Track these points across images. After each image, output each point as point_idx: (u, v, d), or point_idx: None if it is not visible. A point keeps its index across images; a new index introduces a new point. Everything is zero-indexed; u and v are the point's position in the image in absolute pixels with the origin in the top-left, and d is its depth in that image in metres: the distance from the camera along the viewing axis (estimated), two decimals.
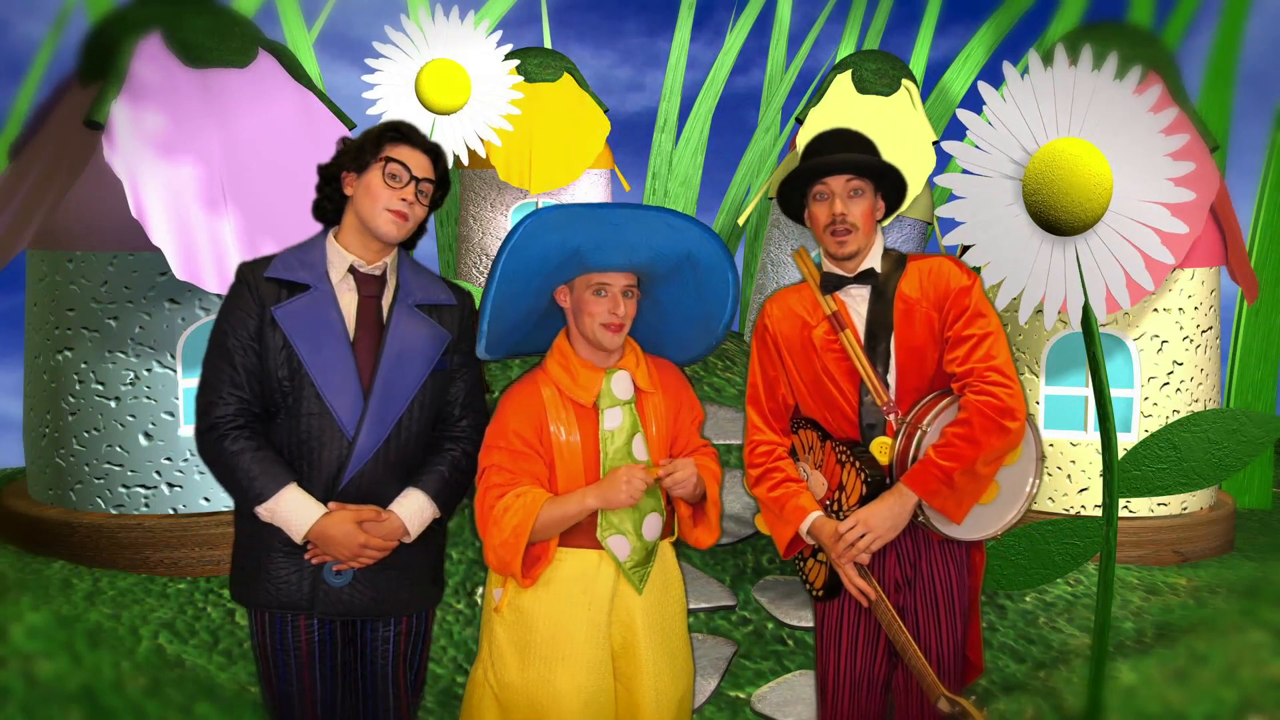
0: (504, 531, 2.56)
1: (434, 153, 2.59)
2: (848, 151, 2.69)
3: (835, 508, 2.73)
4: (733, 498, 4.40)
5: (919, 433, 2.64)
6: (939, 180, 2.84)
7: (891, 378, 2.71)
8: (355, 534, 2.48)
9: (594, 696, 2.61)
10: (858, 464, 2.66)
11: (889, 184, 2.73)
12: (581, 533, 2.64)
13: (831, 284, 2.75)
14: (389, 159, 2.52)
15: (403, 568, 2.59)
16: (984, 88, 2.49)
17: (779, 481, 2.80)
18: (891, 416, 2.69)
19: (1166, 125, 2.45)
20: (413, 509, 2.56)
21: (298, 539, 2.48)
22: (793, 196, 2.78)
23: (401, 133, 2.57)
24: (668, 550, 2.79)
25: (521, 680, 2.62)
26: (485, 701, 2.69)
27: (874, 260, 2.74)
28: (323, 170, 2.60)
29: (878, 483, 2.65)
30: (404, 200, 2.52)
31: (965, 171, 2.53)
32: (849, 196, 2.67)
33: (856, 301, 2.74)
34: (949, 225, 6.30)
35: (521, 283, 2.60)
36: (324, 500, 2.49)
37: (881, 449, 2.69)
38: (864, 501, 2.65)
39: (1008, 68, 2.49)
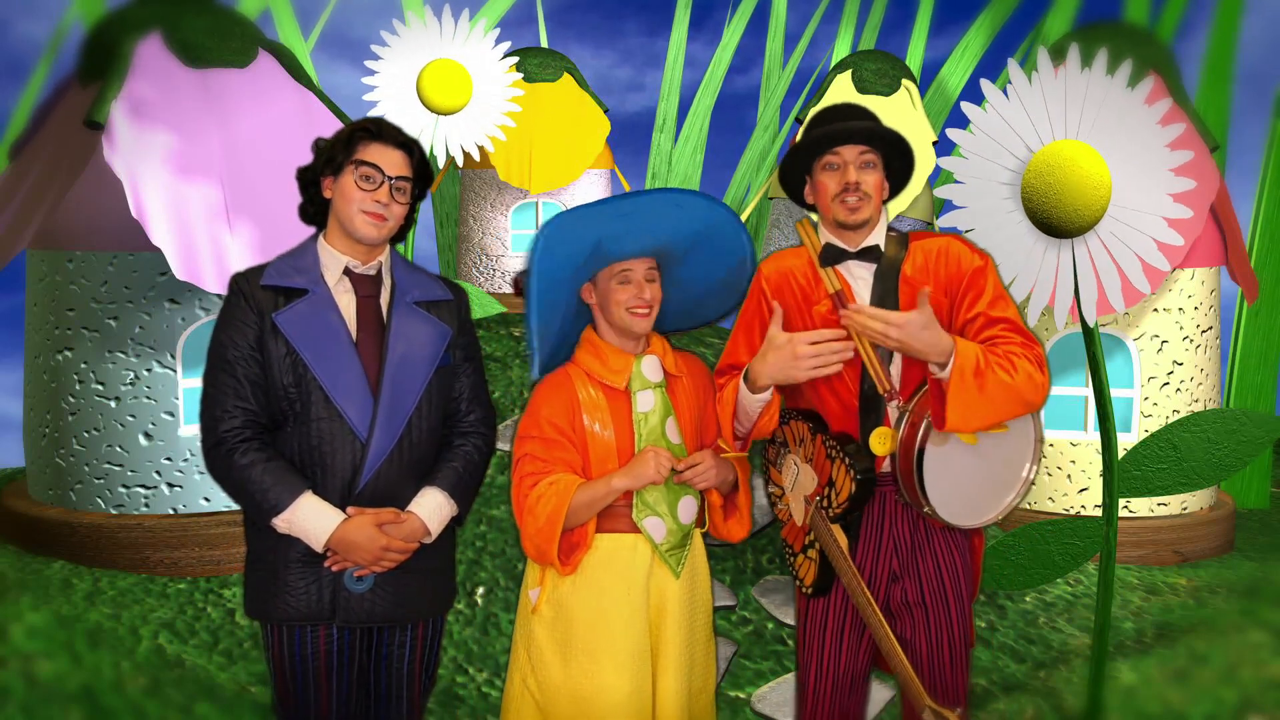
0: (539, 519, 2.58)
1: (408, 147, 2.51)
2: (860, 121, 2.60)
3: (825, 504, 2.64)
4: None
5: (924, 421, 2.53)
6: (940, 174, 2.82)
7: (895, 366, 2.62)
8: (377, 537, 2.44)
9: (638, 689, 2.61)
10: (847, 460, 2.55)
11: (895, 161, 2.65)
12: (618, 517, 2.65)
13: (832, 255, 2.65)
14: (360, 161, 2.46)
15: (420, 571, 2.55)
16: (985, 85, 2.44)
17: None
18: (893, 405, 2.59)
19: (1171, 140, 2.42)
20: (431, 507, 2.53)
21: (318, 547, 2.43)
22: (796, 171, 2.68)
23: (372, 131, 2.49)
24: (699, 540, 2.78)
25: (564, 678, 2.62)
26: (525, 710, 2.68)
27: (878, 237, 2.65)
28: (300, 175, 2.55)
29: (868, 479, 2.55)
30: (378, 202, 2.46)
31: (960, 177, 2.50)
32: (862, 167, 2.59)
33: (859, 283, 2.64)
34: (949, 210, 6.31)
35: (556, 286, 2.62)
36: (341, 506, 2.45)
37: (882, 439, 2.58)
38: (854, 500, 2.55)
39: (1012, 65, 2.47)
